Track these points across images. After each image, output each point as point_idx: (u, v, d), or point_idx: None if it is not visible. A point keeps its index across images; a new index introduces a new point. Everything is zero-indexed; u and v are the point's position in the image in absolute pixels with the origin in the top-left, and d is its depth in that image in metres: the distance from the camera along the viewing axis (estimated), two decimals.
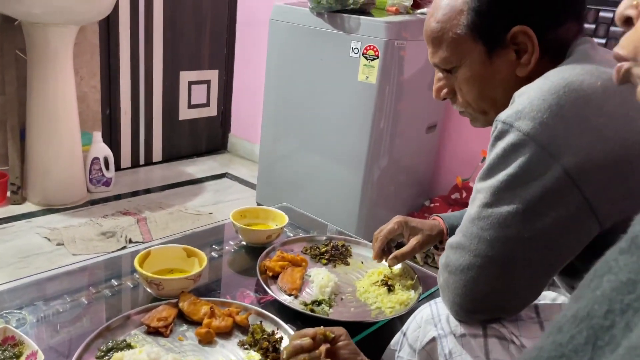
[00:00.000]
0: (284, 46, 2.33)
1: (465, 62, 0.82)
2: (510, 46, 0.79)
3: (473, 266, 0.75)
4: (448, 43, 0.82)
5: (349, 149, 2.18)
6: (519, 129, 0.69)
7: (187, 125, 3.41)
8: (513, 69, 0.80)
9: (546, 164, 0.68)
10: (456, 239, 0.79)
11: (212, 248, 1.27)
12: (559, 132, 0.68)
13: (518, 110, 0.70)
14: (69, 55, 2.43)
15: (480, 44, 0.80)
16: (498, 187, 0.72)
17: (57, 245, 2.18)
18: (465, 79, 0.83)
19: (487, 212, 0.73)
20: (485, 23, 0.78)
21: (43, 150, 2.46)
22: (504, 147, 0.71)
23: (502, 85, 0.81)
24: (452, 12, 0.81)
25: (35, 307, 0.97)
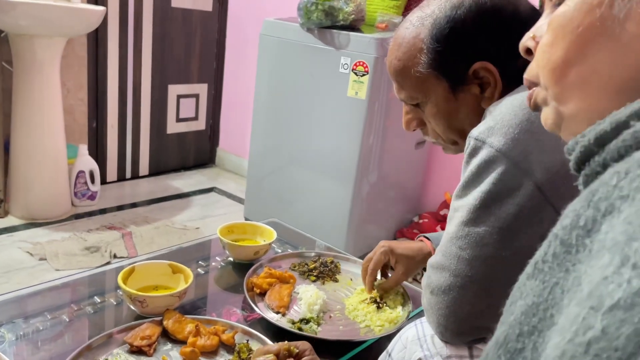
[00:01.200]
0: (273, 61, 2.33)
1: (430, 98, 0.82)
2: (473, 81, 0.79)
3: (454, 286, 0.74)
4: (411, 81, 0.82)
5: (338, 164, 2.18)
6: (491, 145, 0.69)
7: (175, 139, 3.39)
8: (478, 102, 0.80)
9: (518, 180, 0.69)
10: (436, 258, 0.78)
11: (199, 264, 1.24)
12: (530, 148, 0.68)
13: (490, 126, 0.71)
14: (55, 67, 2.41)
15: (443, 80, 0.80)
16: (474, 205, 0.71)
17: (40, 260, 2.13)
18: (432, 114, 0.84)
19: (464, 231, 0.73)
20: (445, 61, 0.79)
21: (27, 163, 2.42)
22: (478, 164, 0.71)
23: (468, 118, 0.82)
24: (413, 51, 0.80)
25: (14, 324, 0.94)
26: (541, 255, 0.38)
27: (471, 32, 0.77)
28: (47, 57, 2.35)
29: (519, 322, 0.37)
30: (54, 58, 2.39)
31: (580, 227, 0.34)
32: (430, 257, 1.10)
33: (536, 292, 0.37)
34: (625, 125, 0.37)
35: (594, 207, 0.34)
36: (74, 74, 2.78)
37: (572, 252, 0.34)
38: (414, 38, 0.80)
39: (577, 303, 0.30)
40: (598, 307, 0.28)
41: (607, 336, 0.27)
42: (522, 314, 0.37)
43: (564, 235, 0.36)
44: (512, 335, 0.37)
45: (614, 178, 0.34)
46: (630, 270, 0.28)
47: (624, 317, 0.27)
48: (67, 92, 2.75)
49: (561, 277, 0.35)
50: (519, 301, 0.38)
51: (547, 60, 0.46)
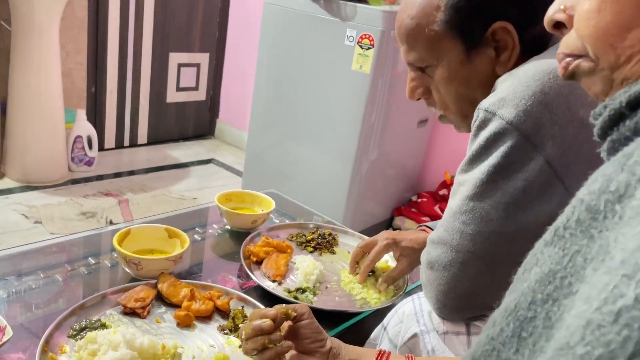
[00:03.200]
0: (277, 31, 2.28)
1: (442, 61, 0.77)
2: (490, 43, 0.75)
3: (455, 262, 0.73)
4: (423, 41, 0.77)
5: (339, 140, 2.15)
6: (501, 117, 0.67)
7: (175, 109, 3.35)
8: (492, 67, 0.76)
9: (529, 154, 0.66)
10: (437, 233, 0.76)
11: (195, 231, 1.23)
12: (543, 121, 0.66)
13: (501, 97, 0.68)
14: (55, 28, 2.36)
15: (458, 41, 0.75)
16: (480, 179, 0.69)
17: (35, 223, 2.12)
18: (442, 79, 0.79)
19: (469, 206, 0.71)
20: (463, 20, 0.74)
21: (24, 125, 2.39)
22: (487, 137, 0.68)
23: (480, 85, 0.78)
24: (428, 8, 0.75)
25: (6, 281, 0.93)
26: (563, 222, 0.36)
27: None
28: (46, 17, 2.30)
29: (533, 290, 0.36)
30: (53, 18, 2.34)
31: (610, 192, 0.32)
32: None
33: (554, 259, 0.35)
34: None
35: (628, 171, 0.32)
36: (74, 36, 2.72)
37: (599, 219, 0.33)
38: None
39: (606, 271, 0.29)
40: (632, 275, 0.27)
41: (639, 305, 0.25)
42: (536, 281, 0.36)
43: (590, 201, 0.34)
44: (523, 303, 0.36)
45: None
46: None
47: None
48: (66, 55, 2.70)
49: (584, 245, 0.33)
50: (535, 268, 0.37)
51: (593, 27, 0.42)
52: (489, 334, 0.39)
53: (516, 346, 0.35)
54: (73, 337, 0.78)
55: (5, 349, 0.74)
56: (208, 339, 0.84)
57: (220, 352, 0.81)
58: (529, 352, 0.34)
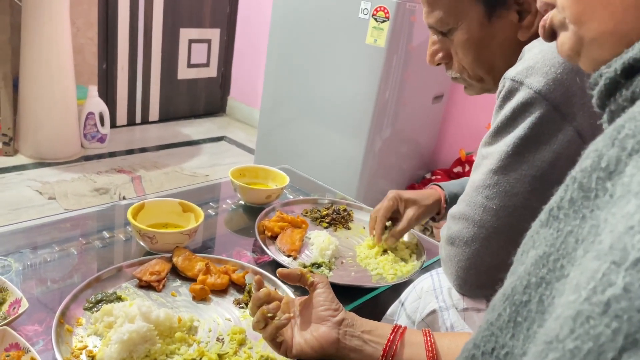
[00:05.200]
0: (289, 5, 2.24)
1: (462, 23, 0.75)
2: (513, 6, 0.72)
3: (477, 237, 0.71)
4: (445, 2, 0.75)
5: (352, 117, 2.12)
6: (529, 86, 0.64)
7: (186, 85, 3.33)
8: (514, 31, 0.73)
9: (558, 124, 0.64)
10: (459, 208, 0.74)
11: (209, 206, 1.22)
12: (574, 90, 0.63)
13: (529, 65, 0.65)
14: (65, 3, 2.34)
15: (480, 3, 0.73)
16: (506, 152, 0.67)
17: (49, 199, 2.13)
18: (461, 42, 0.77)
19: (493, 180, 0.68)
20: None
21: (36, 102, 2.39)
22: (513, 107, 0.66)
23: (500, 50, 0.75)
24: None
25: (21, 254, 0.92)
26: (557, 201, 0.35)
27: None
28: None
29: (528, 273, 0.34)
30: None
31: (601, 168, 0.30)
32: (442, 203, 1.06)
33: (549, 241, 0.33)
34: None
35: (619, 145, 0.30)
36: (84, 11, 2.70)
37: (591, 197, 0.31)
38: None
39: (595, 256, 0.27)
40: (621, 261, 0.25)
41: (629, 294, 0.23)
42: (532, 264, 0.34)
43: (582, 179, 0.32)
44: (519, 287, 0.35)
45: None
46: None
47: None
48: (77, 30, 2.68)
49: (576, 225, 0.31)
50: (531, 251, 0.36)
51: None
52: (489, 318, 0.37)
53: (512, 331, 0.34)
54: (89, 310, 0.78)
55: (22, 321, 0.74)
56: (224, 313, 0.83)
57: (237, 326, 0.80)
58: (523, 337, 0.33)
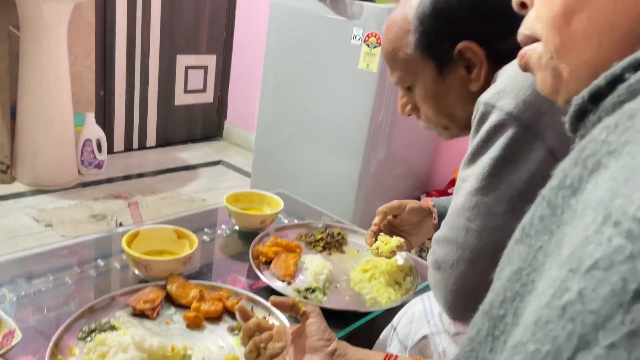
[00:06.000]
0: (283, 31, 2.28)
1: (419, 81, 0.82)
2: (459, 62, 0.77)
3: (462, 260, 0.71)
4: (401, 63, 0.82)
5: (347, 139, 2.14)
6: (501, 108, 0.66)
7: (183, 111, 3.36)
8: (466, 84, 0.78)
9: (530, 144, 0.66)
10: (442, 232, 0.75)
11: (204, 232, 1.23)
12: (543, 110, 0.65)
13: (500, 89, 0.68)
14: (63, 32, 2.37)
15: (430, 62, 0.79)
16: (483, 173, 0.68)
17: (46, 226, 2.13)
18: (421, 97, 0.83)
19: (473, 201, 0.70)
20: (431, 42, 0.77)
21: (34, 129, 2.41)
22: (487, 129, 0.68)
23: (458, 101, 0.80)
24: (401, 32, 0.80)
25: (16, 284, 0.93)
26: (529, 219, 0.36)
27: (455, 11, 0.75)
28: (54, 21, 2.31)
29: (504, 288, 0.36)
30: (61, 23, 2.35)
31: (566, 186, 0.33)
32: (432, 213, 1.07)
33: (522, 256, 0.35)
34: (620, 79, 0.34)
35: (581, 164, 0.32)
36: (82, 40, 2.74)
37: (558, 214, 0.33)
38: (401, 20, 0.80)
39: (557, 266, 0.29)
40: (576, 268, 0.26)
41: (583, 299, 0.25)
42: (507, 279, 0.36)
43: (550, 197, 0.34)
44: (496, 302, 0.36)
45: (603, 133, 0.31)
46: (612, 227, 0.26)
47: (601, 278, 0.25)
48: (75, 58, 2.72)
49: (545, 241, 0.33)
50: (507, 267, 0.37)
51: (546, 8, 0.43)
52: (470, 334, 0.38)
53: (491, 345, 0.35)
54: (82, 340, 0.78)
55: (16, 352, 0.74)
56: (218, 340, 0.84)
57: (230, 353, 0.80)
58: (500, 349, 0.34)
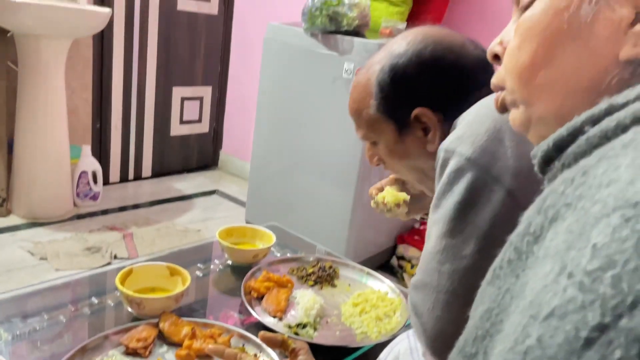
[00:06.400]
0: (277, 65, 2.34)
1: (381, 139, 0.87)
2: (417, 125, 0.83)
3: (437, 304, 0.72)
4: (364, 122, 0.87)
5: (340, 169, 2.18)
6: (460, 153, 0.70)
7: (178, 141, 3.40)
8: (424, 144, 0.84)
9: (490, 186, 0.69)
10: (418, 277, 0.76)
11: (198, 267, 1.24)
12: (499, 155, 0.69)
13: (458, 135, 0.72)
14: (60, 67, 2.42)
15: (391, 123, 0.84)
16: (449, 217, 0.71)
17: (40, 259, 2.14)
18: (384, 153, 0.89)
19: (442, 245, 0.72)
20: (390, 107, 0.83)
21: (30, 163, 2.43)
22: (449, 174, 0.71)
23: (421, 157, 0.86)
24: (363, 94, 0.86)
25: (11, 323, 0.94)
26: (498, 262, 0.39)
27: (411, 80, 0.81)
28: (52, 57, 2.36)
29: (476, 327, 0.38)
30: (59, 58, 2.40)
31: (530, 233, 0.35)
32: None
33: (492, 297, 0.37)
34: (580, 131, 0.38)
35: (543, 213, 0.35)
36: (79, 74, 2.79)
37: (523, 259, 0.35)
38: (364, 84, 0.85)
39: (520, 311, 0.31)
40: (536, 315, 0.29)
41: (541, 344, 0.28)
42: (479, 319, 0.38)
43: (517, 242, 0.37)
44: (469, 340, 0.38)
45: (562, 186, 0.34)
46: (566, 279, 0.28)
47: (557, 326, 0.27)
48: (72, 92, 2.77)
49: (512, 283, 0.35)
50: (479, 307, 0.39)
51: (514, 63, 0.46)
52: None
53: None
54: None
55: None
56: None
57: None
58: None
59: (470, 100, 0.79)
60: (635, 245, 0.26)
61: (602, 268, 0.27)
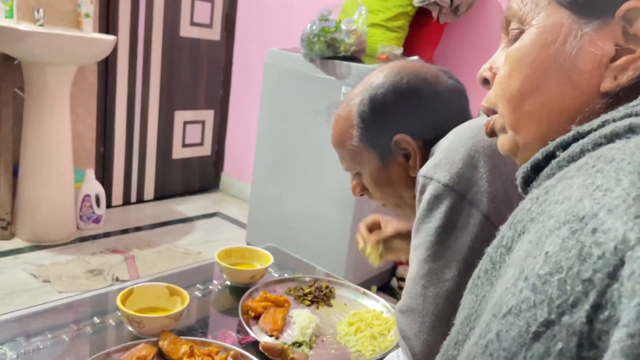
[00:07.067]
0: (277, 90, 2.39)
1: (365, 168, 0.91)
2: (398, 151, 0.86)
3: (424, 328, 0.75)
4: (348, 153, 0.92)
5: (339, 190, 2.21)
6: (438, 180, 0.74)
7: (180, 164, 3.45)
8: (406, 170, 0.88)
9: (467, 211, 0.72)
10: (403, 301, 0.79)
11: (196, 287, 1.27)
12: (474, 180, 0.72)
13: (435, 163, 0.76)
14: (66, 93, 2.48)
15: (373, 152, 0.88)
16: (430, 242, 0.74)
17: (43, 282, 2.17)
18: (368, 182, 0.92)
19: (424, 270, 0.74)
20: (371, 136, 0.87)
21: (34, 187, 2.48)
22: (428, 200, 0.75)
23: (402, 185, 0.89)
24: (346, 127, 0.89)
25: (16, 342, 0.97)
26: (477, 272, 0.43)
27: (389, 109, 0.85)
28: (58, 83, 2.43)
29: (457, 332, 0.42)
30: (64, 85, 2.46)
31: (503, 245, 0.40)
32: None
33: (471, 304, 0.41)
34: (553, 155, 0.42)
35: (513, 228, 0.39)
36: (84, 100, 2.86)
37: (497, 268, 0.40)
38: (346, 116, 0.89)
39: (487, 311, 0.36)
40: (497, 314, 0.33)
41: (499, 338, 0.32)
42: (460, 324, 0.42)
43: (492, 253, 0.41)
44: (451, 343, 0.42)
45: (529, 203, 0.39)
46: (523, 281, 0.33)
47: (512, 322, 0.32)
48: (77, 117, 2.83)
49: (487, 290, 0.40)
50: (461, 314, 0.43)
51: (504, 90, 0.50)
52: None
53: None
54: None
55: None
56: None
57: None
58: None
59: (447, 126, 0.83)
60: (579, 254, 0.30)
61: (551, 272, 0.31)
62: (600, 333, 0.28)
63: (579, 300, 0.29)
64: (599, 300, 0.29)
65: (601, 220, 0.30)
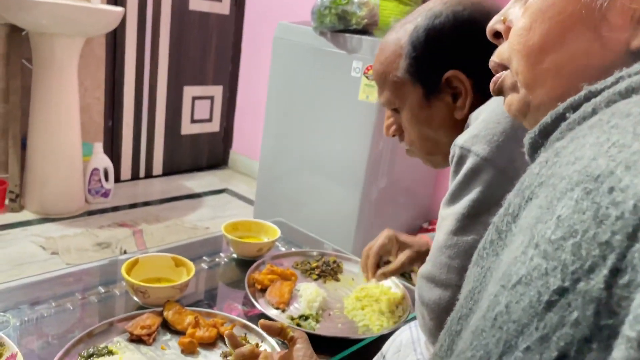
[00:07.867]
0: (286, 64, 2.35)
1: (405, 104, 0.84)
2: (446, 90, 0.80)
3: (444, 298, 0.73)
4: (390, 85, 0.84)
5: (348, 168, 2.19)
6: (476, 153, 0.69)
7: (189, 140, 3.43)
8: (450, 111, 0.81)
9: (506, 187, 0.67)
10: (427, 268, 0.77)
11: (203, 259, 1.26)
12: (515, 155, 0.68)
13: (474, 134, 0.71)
14: (74, 66, 2.46)
15: (418, 87, 0.81)
16: (462, 214, 0.71)
17: (52, 254, 2.17)
18: (407, 120, 0.85)
19: (453, 240, 0.72)
20: (421, 68, 0.80)
21: (43, 160, 2.47)
22: (465, 172, 0.71)
23: (442, 127, 0.82)
24: (393, 56, 0.82)
25: (19, 310, 0.96)
26: (483, 244, 0.41)
27: (446, 41, 0.78)
28: (66, 55, 2.40)
29: (461, 306, 0.40)
30: (72, 57, 2.44)
31: (509, 214, 0.37)
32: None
33: (476, 277, 0.39)
34: (562, 117, 0.38)
35: (520, 195, 0.36)
36: (92, 73, 2.83)
37: (503, 237, 0.37)
38: (394, 44, 0.82)
39: (494, 283, 0.33)
40: (506, 285, 0.31)
41: (508, 309, 0.30)
42: (464, 298, 0.40)
43: (498, 223, 0.39)
44: (455, 318, 0.40)
45: (537, 167, 0.36)
46: (533, 249, 0.30)
47: (523, 292, 0.29)
48: (85, 90, 2.81)
49: (492, 262, 0.37)
50: (465, 287, 0.41)
51: (522, 44, 0.45)
52: (435, 350, 0.42)
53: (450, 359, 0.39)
54: None
55: None
56: None
57: None
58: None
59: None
60: (595, 215, 0.28)
61: (564, 237, 0.29)
62: (619, 299, 0.26)
63: (596, 265, 0.27)
64: (618, 264, 0.26)
65: (618, 178, 0.28)
